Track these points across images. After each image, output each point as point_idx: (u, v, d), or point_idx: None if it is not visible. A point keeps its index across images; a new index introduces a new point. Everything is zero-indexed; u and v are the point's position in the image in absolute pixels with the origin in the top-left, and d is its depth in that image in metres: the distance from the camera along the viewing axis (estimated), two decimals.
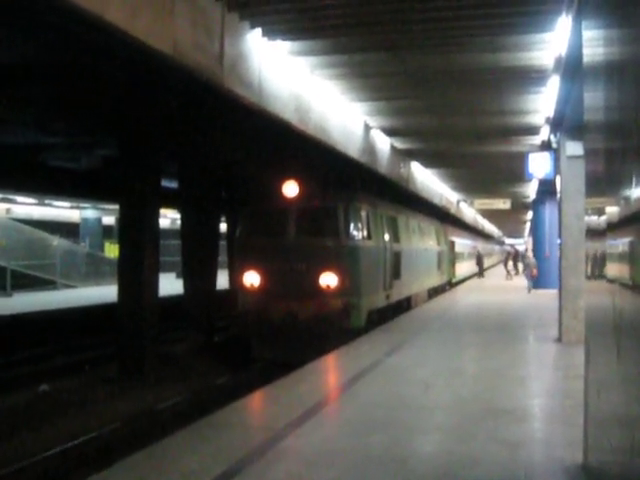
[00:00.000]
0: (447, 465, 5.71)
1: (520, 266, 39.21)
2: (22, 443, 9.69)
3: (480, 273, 42.55)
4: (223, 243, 24.36)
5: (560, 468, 5.67)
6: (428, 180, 27.16)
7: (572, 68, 9.64)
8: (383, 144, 18.73)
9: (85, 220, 41.55)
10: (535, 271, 27.66)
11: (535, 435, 6.81)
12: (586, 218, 5.89)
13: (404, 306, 19.60)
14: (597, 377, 4.86)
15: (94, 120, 15.49)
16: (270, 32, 10.16)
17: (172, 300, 19.39)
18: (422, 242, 22.74)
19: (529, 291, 27.13)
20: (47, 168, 21.11)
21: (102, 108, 13.99)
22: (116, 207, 19.05)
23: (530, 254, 32.27)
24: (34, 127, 16.34)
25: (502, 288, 30.43)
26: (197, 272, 18.05)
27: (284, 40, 10.59)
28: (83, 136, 17.67)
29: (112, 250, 38.65)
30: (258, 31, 10.00)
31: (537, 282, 27.75)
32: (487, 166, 24.12)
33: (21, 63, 11.57)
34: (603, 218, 4.49)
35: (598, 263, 4.83)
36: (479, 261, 42.68)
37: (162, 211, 21.38)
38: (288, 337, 13.95)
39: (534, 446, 6.36)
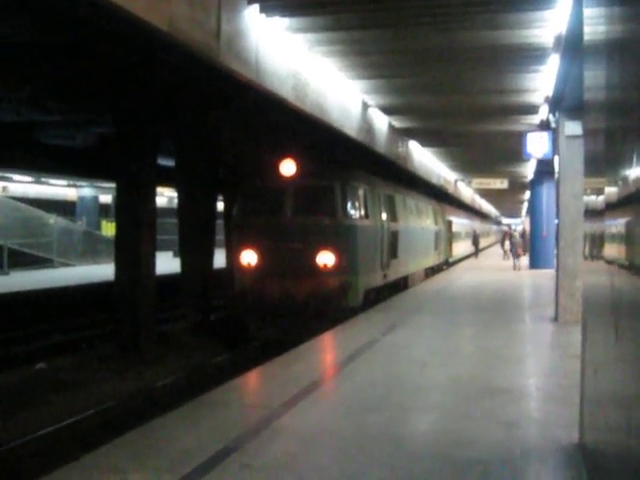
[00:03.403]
0: (443, 444, 5.73)
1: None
2: (18, 421, 9.71)
3: (476, 253, 42.66)
4: (220, 222, 24.31)
5: (556, 447, 5.69)
6: (426, 159, 27.08)
7: (572, 46, 9.56)
8: (381, 123, 18.63)
9: (82, 198, 41.43)
10: (520, 250, 29.82)
11: (531, 414, 6.82)
12: (584, 198, 5.85)
13: (401, 285, 19.61)
14: (594, 357, 4.85)
15: (90, 98, 15.37)
16: (268, 8, 10.05)
17: (169, 278, 19.38)
18: (419, 221, 22.71)
19: (515, 268, 28.54)
20: (43, 146, 20.96)
21: (98, 85, 13.87)
22: (113, 185, 18.98)
23: (516, 234, 33.56)
24: (30, 105, 16.21)
25: (499, 268, 30.47)
26: (194, 251, 18.00)
27: (282, 16, 10.49)
28: (79, 114, 17.54)
29: (109, 228, 38.58)
30: (256, 7, 9.89)
31: (534, 262, 28.00)
32: (485, 145, 24.05)
33: (17, 41, 11.44)
34: (601, 198, 4.46)
35: (596, 243, 4.80)
36: (475, 241, 42.81)
37: (159, 189, 21.29)
38: (285, 316, 13.96)
39: (530, 425, 6.38)
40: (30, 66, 12.79)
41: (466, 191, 45.24)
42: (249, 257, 14.29)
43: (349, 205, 14.46)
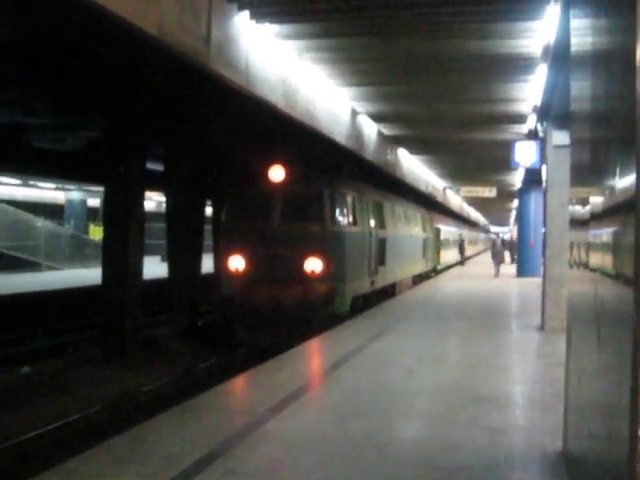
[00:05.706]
0: (428, 451, 5.73)
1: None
2: (1, 425, 9.63)
3: (462, 261, 42.80)
4: (209, 227, 24.28)
5: (540, 455, 5.71)
6: (414, 167, 27.16)
7: (560, 57, 9.63)
8: (370, 130, 18.68)
9: (70, 202, 41.26)
10: (502, 257, 31.74)
11: (516, 422, 6.85)
12: (570, 208, 5.90)
13: (389, 292, 19.63)
14: (577, 365, 4.88)
15: (79, 101, 15.32)
16: (258, 15, 10.07)
17: (156, 283, 19.32)
18: (408, 229, 22.76)
19: (496, 275, 29.68)
20: (31, 149, 20.88)
21: (87, 88, 13.83)
22: (101, 189, 18.92)
23: (498, 241, 36.23)
24: (17, 107, 16.14)
25: (487, 276, 30.55)
26: (182, 256, 17.97)
27: (272, 23, 10.51)
28: (68, 117, 17.48)
29: (97, 232, 38.43)
30: (246, 13, 9.92)
31: (522, 270, 28.18)
32: (474, 154, 24.15)
33: (3, 42, 11.38)
34: (587, 208, 4.50)
35: (581, 252, 4.84)
36: (461, 249, 43.00)
37: (147, 194, 21.25)
38: (272, 322, 13.94)
39: (515, 433, 6.40)
40: (18, 67, 12.74)
41: (454, 199, 45.37)
42: (237, 263, 14.28)
43: (337, 212, 14.48)
